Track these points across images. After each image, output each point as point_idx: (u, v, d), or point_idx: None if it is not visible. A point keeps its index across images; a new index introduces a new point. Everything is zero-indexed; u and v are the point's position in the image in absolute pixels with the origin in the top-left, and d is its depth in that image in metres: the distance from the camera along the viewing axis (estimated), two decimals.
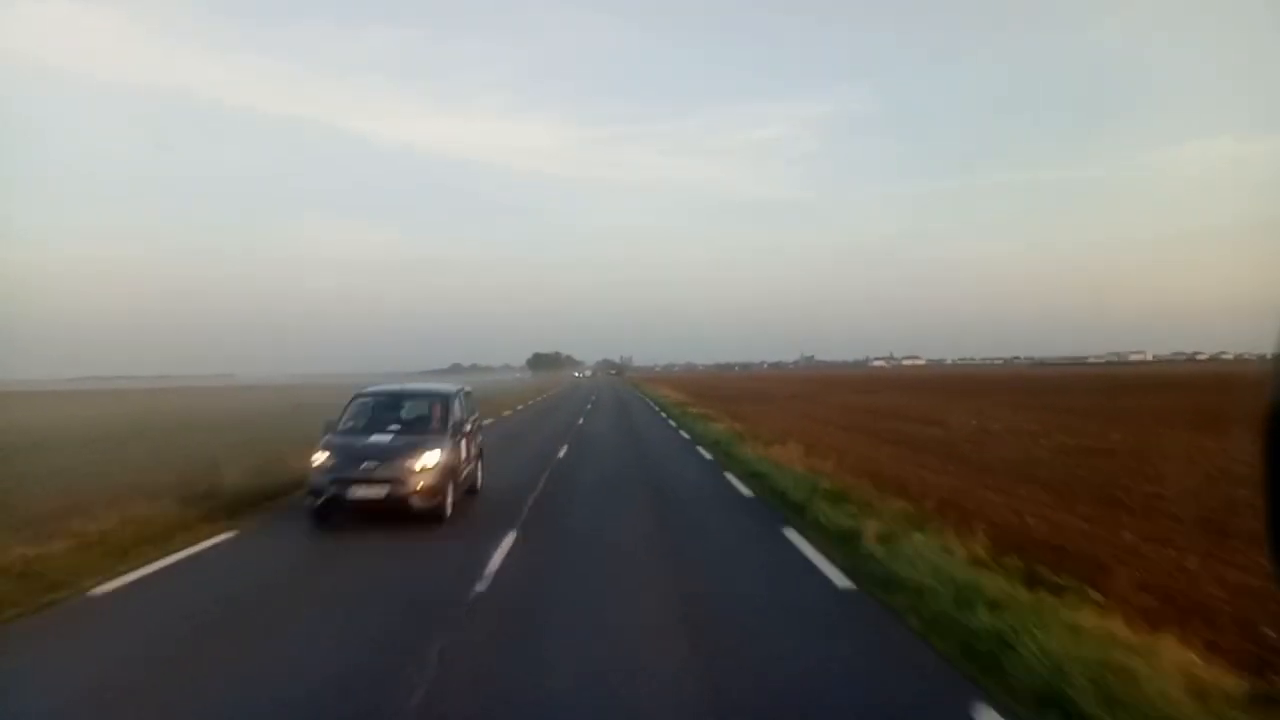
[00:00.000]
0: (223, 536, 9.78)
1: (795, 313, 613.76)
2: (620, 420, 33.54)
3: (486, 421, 16.90)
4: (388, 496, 9.74)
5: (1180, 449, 17.15)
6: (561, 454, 19.21)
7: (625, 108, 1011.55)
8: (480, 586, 7.47)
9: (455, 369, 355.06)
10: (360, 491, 9.79)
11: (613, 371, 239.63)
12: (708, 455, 19.23)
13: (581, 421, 31.93)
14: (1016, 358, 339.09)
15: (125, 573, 8.01)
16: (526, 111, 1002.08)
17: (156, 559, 8.60)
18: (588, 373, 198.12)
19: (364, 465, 9.91)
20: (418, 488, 9.79)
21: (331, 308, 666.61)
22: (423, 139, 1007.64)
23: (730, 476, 15.08)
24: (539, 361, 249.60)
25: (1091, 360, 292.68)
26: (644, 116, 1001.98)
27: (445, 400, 11.56)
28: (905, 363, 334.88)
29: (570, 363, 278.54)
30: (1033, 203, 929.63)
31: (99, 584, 7.59)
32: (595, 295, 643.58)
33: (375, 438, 10.47)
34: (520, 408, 41.85)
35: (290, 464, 13.32)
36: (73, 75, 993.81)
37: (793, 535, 9.62)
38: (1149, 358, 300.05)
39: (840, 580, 7.51)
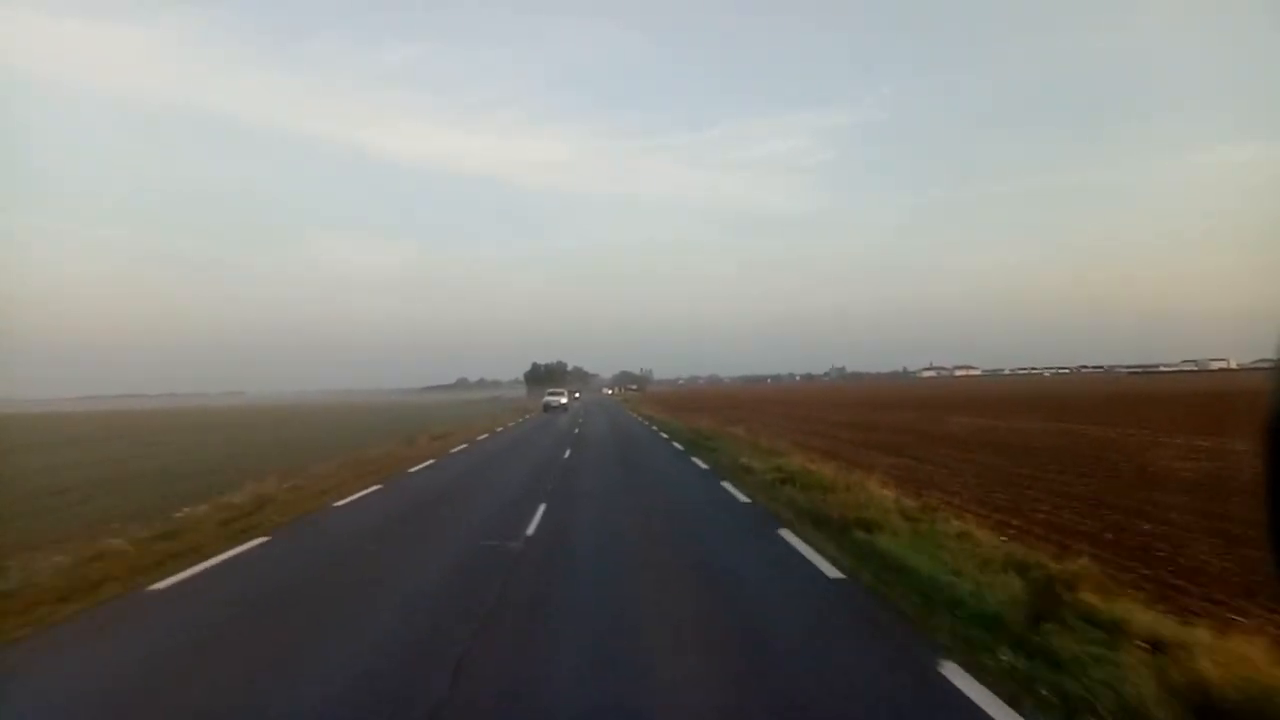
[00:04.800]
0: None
1: (824, 323, 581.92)
2: None
3: None
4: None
5: None
6: None
7: (643, 121, 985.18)
8: None
9: (461, 384, 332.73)
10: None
11: (633, 387, 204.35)
12: None
13: None
14: (1083, 367, 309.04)
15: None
16: (543, 125, 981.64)
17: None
18: (576, 396, 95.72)
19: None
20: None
21: (340, 324, 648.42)
22: (437, 154, 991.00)
23: None
24: (538, 376, 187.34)
25: (1164, 369, 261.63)
26: (662, 129, 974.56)
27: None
28: (958, 373, 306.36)
29: (580, 377, 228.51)
30: (1084, 207, 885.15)
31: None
32: (613, 309, 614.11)
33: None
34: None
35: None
36: (86, 91, 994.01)
37: None
38: (1232, 365, 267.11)
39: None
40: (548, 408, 59.58)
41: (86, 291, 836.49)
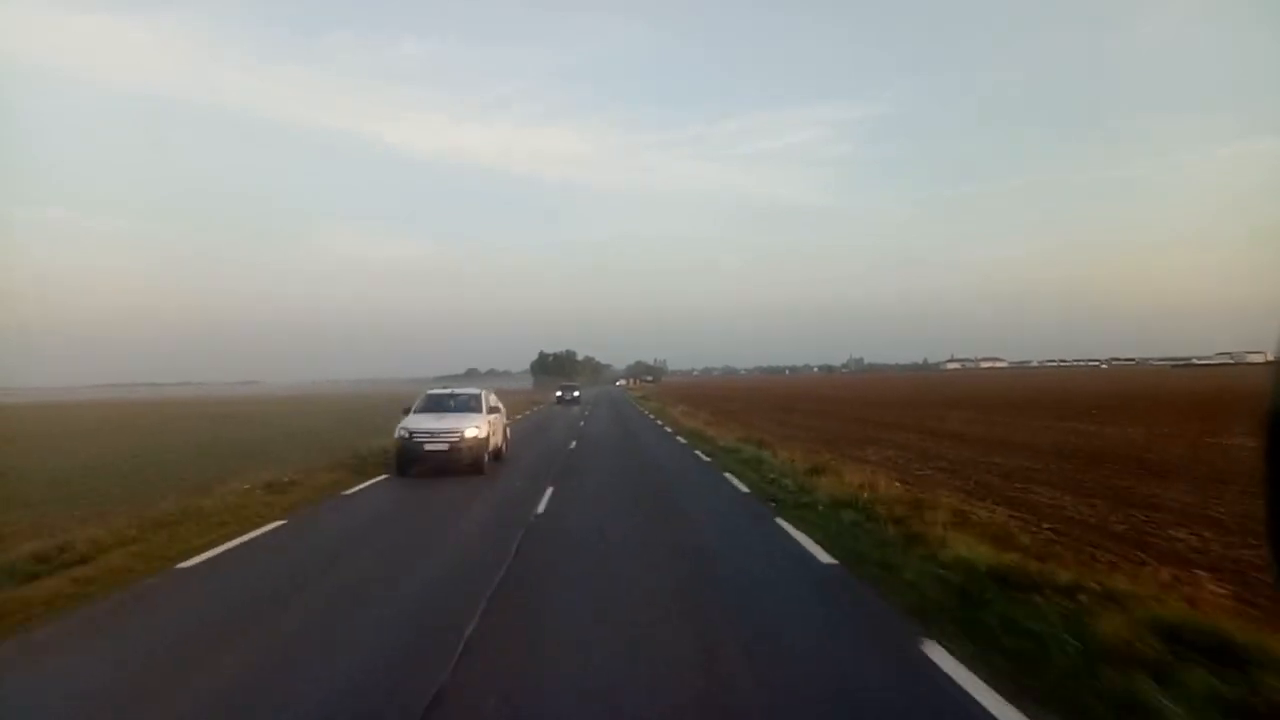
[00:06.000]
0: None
1: (840, 315, 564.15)
2: None
3: None
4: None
5: None
6: None
7: (658, 114, 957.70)
8: None
9: (471, 374, 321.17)
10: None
11: (648, 379, 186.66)
12: None
13: None
14: (1114, 359, 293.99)
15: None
16: (558, 119, 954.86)
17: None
18: (575, 395, 63.02)
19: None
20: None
21: (357, 314, 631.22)
22: (451, 147, 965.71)
23: None
24: (546, 366, 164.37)
25: (1197, 361, 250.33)
26: (677, 122, 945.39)
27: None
28: (983, 365, 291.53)
29: (592, 368, 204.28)
30: (1110, 199, 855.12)
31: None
32: (627, 301, 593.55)
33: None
34: None
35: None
36: (105, 85, 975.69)
37: None
38: (1270, 357, 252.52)
39: None
40: (411, 453, 15.63)
41: (102, 281, 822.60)
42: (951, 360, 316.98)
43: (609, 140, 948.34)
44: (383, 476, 15.57)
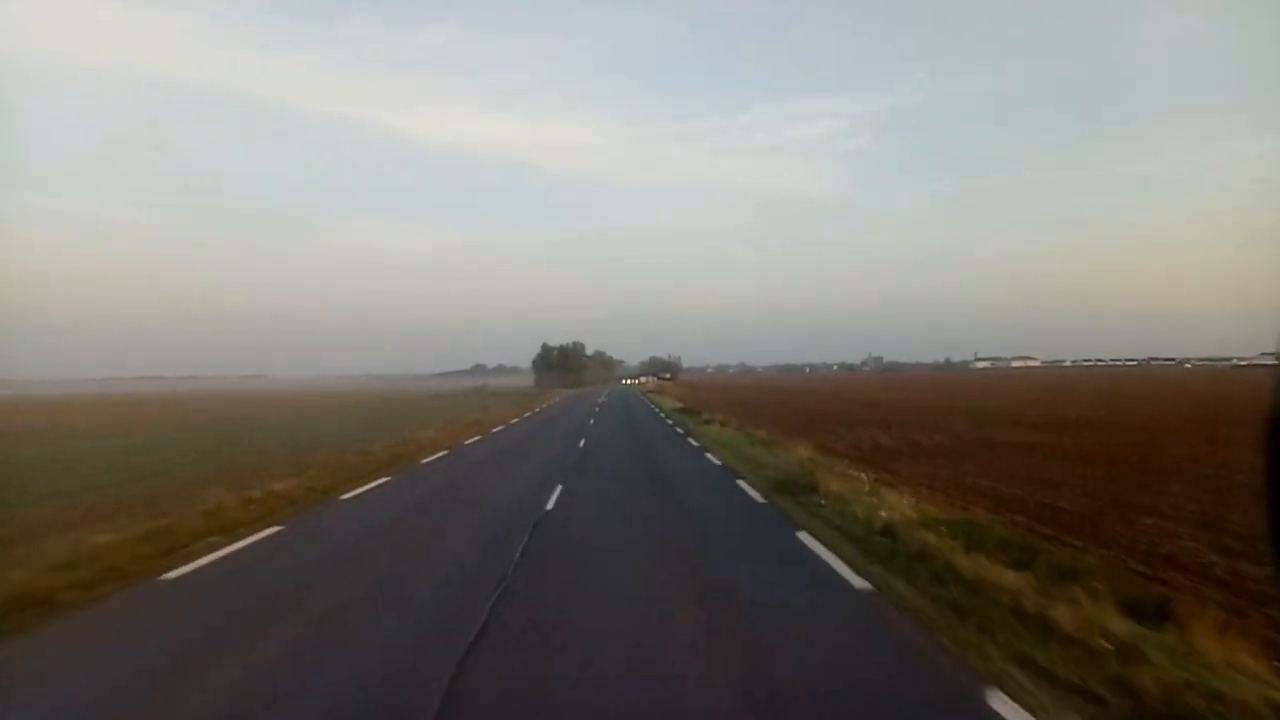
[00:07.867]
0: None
1: (858, 312, 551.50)
2: None
3: None
4: None
5: None
6: None
7: (674, 106, 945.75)
8: None
9: (477, 370, 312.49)
10: None
11: (666, 376, 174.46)
12: None
13: None
14: (1153, 358, 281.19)
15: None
16: (573, 111, 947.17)
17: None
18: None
19: None
20: None
21: (366, 308, 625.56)
22: (464, 139, 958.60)
23: None
24: (550, 362, 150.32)
25: (1238, 361, 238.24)
26: (693, 114, 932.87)
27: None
28: (1015, 364, 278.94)
29: (603, 363, 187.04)
30: (1142, 195, 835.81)
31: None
32: (640, 296, 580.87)
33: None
34: None
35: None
36: (113, 76, 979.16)
37: None
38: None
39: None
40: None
41: (105, 273, 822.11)
42: (979, 359, 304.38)
43: (623, 133, 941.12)
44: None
